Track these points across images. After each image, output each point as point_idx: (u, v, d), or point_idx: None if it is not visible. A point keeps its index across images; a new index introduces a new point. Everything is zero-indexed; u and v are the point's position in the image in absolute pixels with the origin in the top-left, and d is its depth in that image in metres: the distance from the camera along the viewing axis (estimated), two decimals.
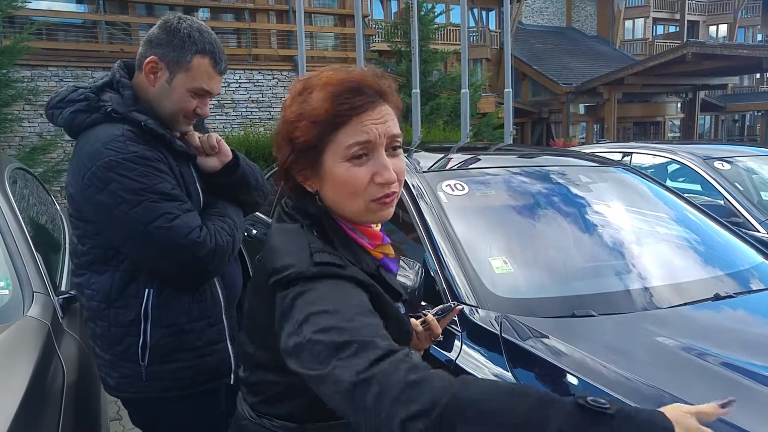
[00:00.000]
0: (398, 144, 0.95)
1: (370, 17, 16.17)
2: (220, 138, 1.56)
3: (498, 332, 1.51)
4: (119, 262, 1.43)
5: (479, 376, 1.46)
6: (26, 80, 8.44)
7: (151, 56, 1.42)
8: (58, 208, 3.42)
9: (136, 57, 1.48)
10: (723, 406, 0.76)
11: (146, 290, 1.42)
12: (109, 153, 1.35)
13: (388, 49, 13.41)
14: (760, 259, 2.17)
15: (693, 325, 1.66)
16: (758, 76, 28.40)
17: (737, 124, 28.73)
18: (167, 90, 1.43)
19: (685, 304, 1.73)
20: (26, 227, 2.01)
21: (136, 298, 1.43)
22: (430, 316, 1.12)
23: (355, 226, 0.98)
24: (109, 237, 1.41)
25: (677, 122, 23.57)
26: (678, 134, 23.33)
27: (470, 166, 2.30)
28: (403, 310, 1.03)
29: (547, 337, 1.48)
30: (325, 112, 0.88)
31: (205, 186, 1.53)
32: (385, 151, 0.92)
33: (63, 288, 1.99)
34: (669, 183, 4.47)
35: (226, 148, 1.55)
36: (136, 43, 9.61)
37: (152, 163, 1.37)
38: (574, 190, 2.24)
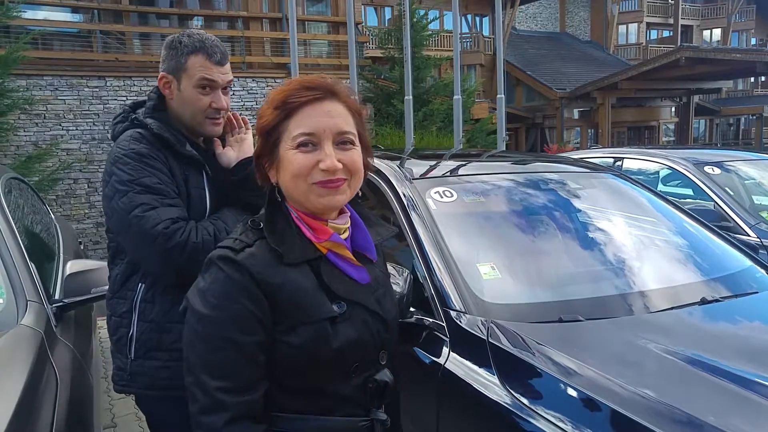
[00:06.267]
0: (348, 140, 1.05)
1: (363, 24, 16.24)
2: (249, 134, 1.67)
3: (485, 337, 1.53)
4: (125, 255, 1.55)
5: (467, 381, 1.48)
6: (22, 89, 8.45)
7: (161, 73, 1.58)
8: (53, 217, 3.43)
9: None
10: None
11: (140, 284, 1.52)
12: (116, 151, 1.52)
13: (381, 55, 13.47)
14: (748, 262, 2.17)
15: (678, 329, 1.68)
16: (752, 79, 28.52)
17: (732, 128, 28.81)
18: (181, 96, 1.57)
19: (672, 308, 1.75)
20: (20, 236, 2.02)
21: (132, 291, 1.53)
22: None
23: (303, 218, 1.06)
24: (112, 228, 1.54)
25: (672, 126, 23.66)
26: (673, 138, 23.40)
27: (459, 173, 2.32)
28: (341, 310, 1.03)
29: (533, 342, 1.49)
30: (281, 99, 1.04)
31: (218, 196, 1.60)
32: (335, 145, 1.03)
33: (57, 296, 2.00)
34: (661, 187, 4.50)
35: (249, 146, 1.66)
36: (130, 52, 9.67)
37: (146, 160, 1.49)
38: (563, 196, 2.26)
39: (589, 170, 2.62)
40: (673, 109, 23.22)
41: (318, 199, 1.02)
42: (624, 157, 4.83)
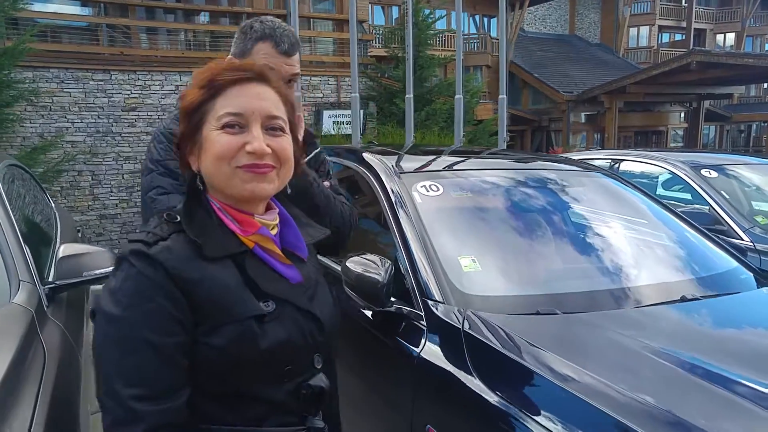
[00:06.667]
0: (278, 125, 0.99)
1: (369, 23, 16.24)
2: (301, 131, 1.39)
3: (460, 326, 1.56)
4: None
5: (442, 368, 1.52)
6: (28, 81, 8.51)
7: (228, 57, 1.57)
8: (53, 205, 3.49)
9: None
10: None
11: None
12: (159, 127, 1.56)
13: (386, 54, 13.46)
14: (734, 263, 2.18)
15: (655, 325, 1.69)
16: (765, 85, 28.17)
17: (743, 135, 28.49)
18: None
19: (651, 305, 1.76)
20: (17, 220, 2.07)
21: None
22: None
23: (227, 210, 0.98)
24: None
25: (680, 132, 23.49)
26: (681, 144, 23.22)
27: (448, 169, 2.36)
28: (269, 309, 0.95)
29: (509, 332, 1.52)
30: (207, 77, 0.97)
31: None
32: (264, 129, 0.97)
33: (50, 279, 2.05)
34: (661, 191, 4.49)
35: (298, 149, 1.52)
36: (136, 46, 9.73)
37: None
38: (548, 193, 2.29)
39: (578, 169, 2.64)
40: (683, 114, 23.02)
41: (242, 185, 0.95)
42: (622, 159, 4.82)
